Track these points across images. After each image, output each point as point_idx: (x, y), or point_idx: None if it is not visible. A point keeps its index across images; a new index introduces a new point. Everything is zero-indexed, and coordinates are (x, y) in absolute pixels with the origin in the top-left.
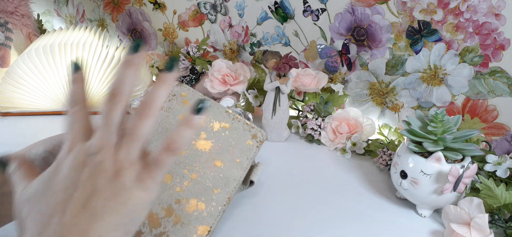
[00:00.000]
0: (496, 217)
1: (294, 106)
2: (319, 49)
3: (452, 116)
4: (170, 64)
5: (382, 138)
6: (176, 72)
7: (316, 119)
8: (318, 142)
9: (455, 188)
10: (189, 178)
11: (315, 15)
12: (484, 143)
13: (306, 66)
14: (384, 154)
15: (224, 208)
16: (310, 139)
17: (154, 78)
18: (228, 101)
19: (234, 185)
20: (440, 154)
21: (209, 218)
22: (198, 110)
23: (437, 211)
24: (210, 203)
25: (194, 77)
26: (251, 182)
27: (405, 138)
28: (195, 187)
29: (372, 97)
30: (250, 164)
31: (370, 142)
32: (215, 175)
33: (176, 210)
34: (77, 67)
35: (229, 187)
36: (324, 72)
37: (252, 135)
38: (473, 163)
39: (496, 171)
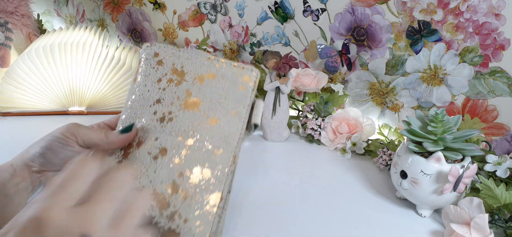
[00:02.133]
0: (496, 217)
1: (294, 106)
2: (319, 49)
3: (452, 116)
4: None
5: (382, 138)
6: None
7: (316, 119)
8: (318, 142)
9: (455, 188)
10: (186, 146)
11: (315, 15)
12: (484, 143)
13: (306, 66)
14: (384, 154)
15: (232, 168)
16: (310, 139)
17: None
18: None
19: (236, 140)
20: (440, 154)
21: (218, 184)
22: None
23: (437, 211)
24: (215, 168)
25: None
26: (255, 126)
27: (405, 138)
28: (195, 154)
29: (372, 97)
30: (249, 112)
31: (370, 142)
32: (213, 135)
33: (181, 184)
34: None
35: (231, 145)
36: (324, 72)
37: (243, 78)
38: (473, 163)
39: (496, 171)
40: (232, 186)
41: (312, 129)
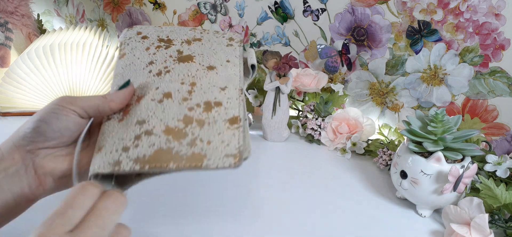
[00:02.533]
0: (496, 217)
1: (294, 106)
2: (319, 49)
3: (452, 116)
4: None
5: (382, 138)
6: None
7: (316, 119)
8: (318, 142)
9: (455, 188)
10: (189, 87)
11: (315, 15)
12: (484, 143)
13: (306, 66)
14: (384, 154)
15: (242, 98)
16: (310, 139)
17: None
18: None
19: (237, 79)
20: (440, 154)
21: (232, 109)
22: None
23: (437, 211)
24: (224, 98)
25: None
26: (253, 67)
27: (405, 138)
28: (201, 92)
29: (372, 97)
30: (242, 61)
31: (370, 142)
32: (213, 78)
33: (194, 116)
34: None
35: (234, 82)
36: (324, 72)
37: (228, 39)
38: (473, 163)
39: (496, 171)
40: (246, 117)
41: (312, 129)
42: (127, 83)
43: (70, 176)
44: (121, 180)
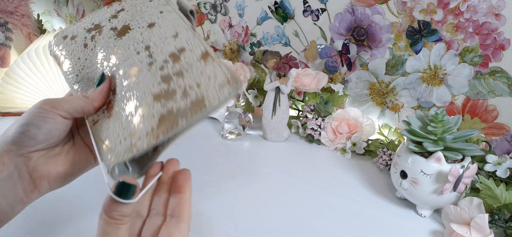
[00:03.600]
0: (496, 217)
1: (294, 106)
2: (319, 49)
3: (452, 116)
4: None
5: (382, 138)
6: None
7: (316, 119)
8: (318, 142)
9: (455, 188)
10: (146, 51)
11: (315, 15)
12: (484, 143)
13: (306, 66)
14: (384, 154)
15: (197, 33)
16: (310, 139)
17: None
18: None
19: (181, 21)
20: (440, 154)
21: (197, 47)
22: (121, 192)
23: (437, 211)
24: (183, 42)
25: None
26: (192, 13)
27: (405, 138)
28: (159, 50)
29: (372, 97)
30: (173, 5)
31: (370, 142)
32: (160, 32)
33: (169, 71)
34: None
35: (181, 25)
36: (324, 72)
37: (159, 3)
38: (473, 163)
39: (496, 171)
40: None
41: (312, 129)
42: (102, 78)
43: (64, 177)
44: (139, 162)
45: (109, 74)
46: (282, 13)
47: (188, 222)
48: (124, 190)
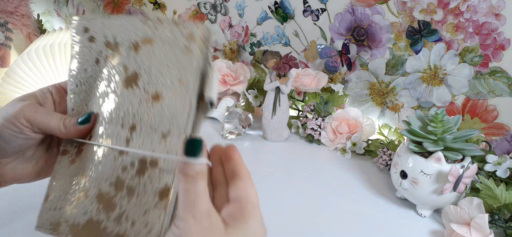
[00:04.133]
0: (496, 217)
1: (294, 106)
2: (319, 49)
3: (452, 116)
4: None
5: (382, 138)
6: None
7: (316, 119)
8: (318, 142)
9: (455, 188)
10: (128, 133)
11: (315, 15)
12: (484, 143)
13: (306, 66)
14: (384, 154)
15: (180, 150)
16: (310, 139)
17: None
18: (228, 101)
19: (185, 119)
20: (440, 154)
21: (167, 174)
22: (189, 151)
23: (437, 211)
24: (162, 153)
25: None
26: (211, 104)
27: (405, 138)
28: (139, 142)
29: (372, 97)
30: (198, 80)
31: (370, 142)
32: (156, 116)
33: (127, 179)
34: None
35: (180, 122)
36: (324, 72)
37: (187, 37)
38: (473, 163)
39: (496, 171)
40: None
41: (312, 129)
42: (88, 118)
43: (34, 177)
44: None
45: (98, 117)
46: (282, 13)
47: (250, 178)
48: (192, 147)
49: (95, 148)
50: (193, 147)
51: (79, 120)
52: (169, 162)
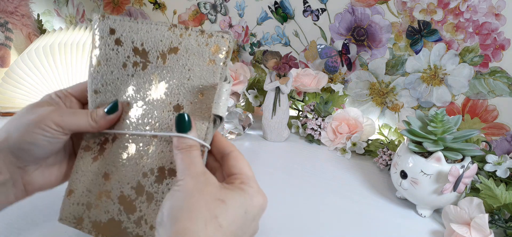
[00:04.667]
0: (496, 217)
1: (294, 106)
2: (319, 49)
3: (452, 116)
4: None
5: (382, 138)
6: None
7: (316, 119)
8: (318, 142)
9: (455, 188)
10: (150, 140)
11: (315, 15)
12: (484, 143)
13: (306, 66)
14: (384, 154)
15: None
16: (310, 139)
17: None
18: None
19: (204, 131)
20: (440, 154)
21: None
22: (180, 128)
23: (437, 211)
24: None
25: None
26: (220, 118)
27: (405, 138)
28: (158, 150)
29: (372, 97)
30: (221, 89)
31: (370, 142)
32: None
33: (146, 185)
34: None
35: (198, 136)
36: (324, 72)
37: (213, 49)
38: (473, 163)
39: (496, 171)
40: None
41: (312, 129)
42: (115, 106)
43: (55, 184)
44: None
45: (122, 115)
46: (282, 13)
47: (238, 152)
48: (182, 124)
49: (119, 150)
50: (183, 124)
51: (106, 110)
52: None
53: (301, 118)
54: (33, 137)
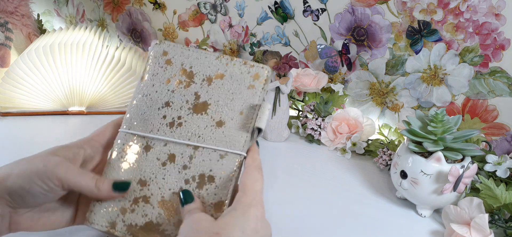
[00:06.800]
0: (496, 217)
1: (294, 106)
2: (319, 49)
3: (452, 116)
4: None
5: (382, 138)
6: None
7: (316, 119)
8: (318, 142)
9: (455, 188)
10: (192, 151)
11: (315, 15)
12: (484, 143)
13: (306, 66)
14: (384, 154)
15: (236, 174)
16: (310, 139)
17: None
18: None
19: (241, 144)
20: (440, 154)
21: (222, 190)
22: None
23: (437, 211)
24: (219, 172)
25: None
26: (259, 130)
27: (405, 138)
28: (200, 159)
29: (372, 97)
30: (256, 114)
31: (370, 142)
32: (218, 139)
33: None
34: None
35: (236, 146)
36: (324, 72)
37: (253, 76)
38: (473, 163)
39: (496, 171)
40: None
41: (312, 129)
42: (126, 186)
43: (44, 229)
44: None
45: (157, 127)
46: (282, 13)
47: (252, 165)
48: (186, 197)
49: (156, 158)
50: (189, 198)
51: (114, 185)
52: (223, 180)
53: (301, 118)
54: (31, 186)
